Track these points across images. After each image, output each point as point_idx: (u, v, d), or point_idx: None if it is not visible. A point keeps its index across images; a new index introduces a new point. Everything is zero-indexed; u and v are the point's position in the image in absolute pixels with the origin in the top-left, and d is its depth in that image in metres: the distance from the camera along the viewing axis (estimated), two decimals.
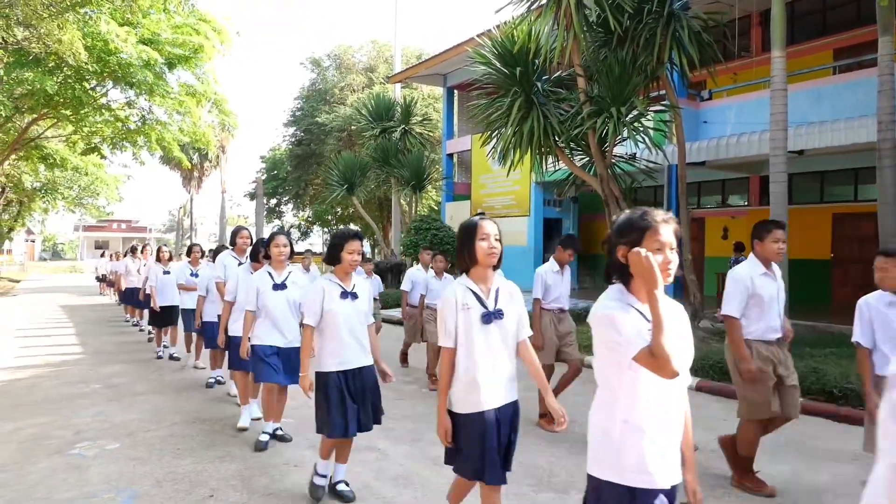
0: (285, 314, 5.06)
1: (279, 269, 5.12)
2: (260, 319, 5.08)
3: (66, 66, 12.42)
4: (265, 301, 5.01)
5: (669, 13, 8.87)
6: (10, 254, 50.49)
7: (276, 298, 5.02)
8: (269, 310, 5.01)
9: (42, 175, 25.19)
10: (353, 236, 3.98)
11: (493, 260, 2.85)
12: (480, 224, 2.85)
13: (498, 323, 2.87)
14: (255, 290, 5.04)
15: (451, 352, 2.87)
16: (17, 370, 8.58)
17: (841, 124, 10.28)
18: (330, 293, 3.93)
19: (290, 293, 5.11)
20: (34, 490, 4.26)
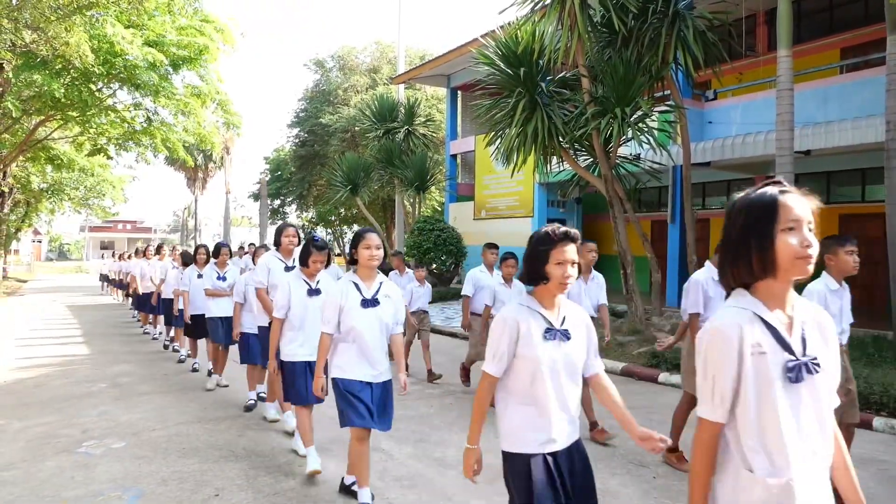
0: (375, 338, 3.82)
1: (369, 280, 3.87)
2: (344, 345, 3.86)
3: (73, 68, 12.48)
4: (352, 322, 3.77)
5: (674, 13, 8.87)
6: (18, 254, 50.71)
7: (366, 318, 3.79)
8: (357, 333, 3.78)
9: (49, 176, 25.32)
10: None
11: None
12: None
13: None
14: (336, 307, 3.79)
15: None
16: (24, 369, 8.62)
17: (848, 124, 10.24)
18: None
19: (382, 311, 3.87)
20: (42, 488, 4.29)
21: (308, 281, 4.65)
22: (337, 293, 3.81)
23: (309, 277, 4.65)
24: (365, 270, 3.82)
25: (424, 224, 17.71)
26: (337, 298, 3.79)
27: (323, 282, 4.77)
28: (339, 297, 3.78)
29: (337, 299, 3.79)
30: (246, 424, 5.88)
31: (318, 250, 4.54)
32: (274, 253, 5.53)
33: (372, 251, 3.79)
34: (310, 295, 4.61)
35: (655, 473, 4.67)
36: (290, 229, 5.47)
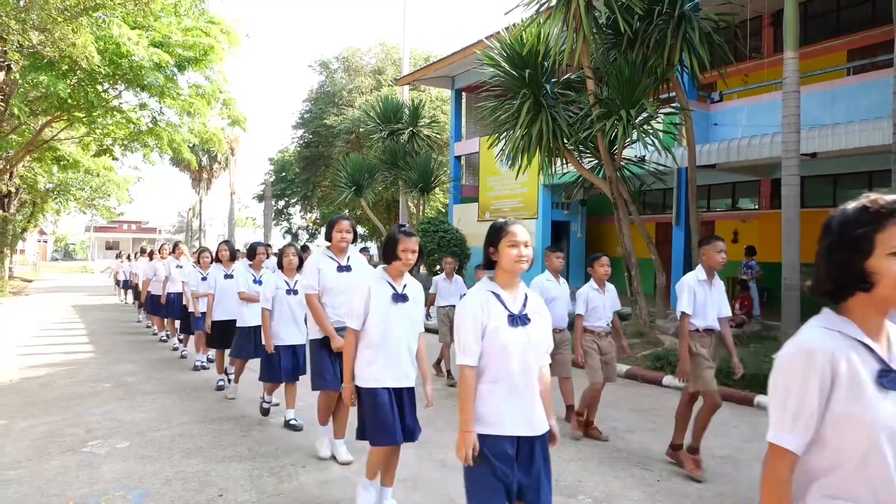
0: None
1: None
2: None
3: (79, 69, 12.53)
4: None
5: (680, 15, 8.85)
6: (24, 254, 50.89)
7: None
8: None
9: (55, 176, 25.41)
10: None
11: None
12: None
13: None
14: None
15: None
16: (29, 368, 8.65)
17: (855, 126, 10.19)
18: None
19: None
20: (47, 487, 4.30)
21: (394, 283, 3.67)
22: (477, 311, 2.62)
23: (395, 278, 3.70)
24: (506, 276, 2.71)
25: (428, 225, 17.71)
26: (479, 317, 2.62)
27: (410, 286, 3.77)
28: (482, 317, 2.63)
29: (480, 319, 2.62)
30: (250, 425, 5.89)
31: (406, 236, 3.58)
32: (324, 251, 4.79)
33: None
34: (396, 301, 3.63)
35: (659, 476, 4.66)
36: (344, 223, 4.67)
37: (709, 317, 4.77)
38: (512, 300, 2.65)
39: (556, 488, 4.33)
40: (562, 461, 4.88)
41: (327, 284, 4.60)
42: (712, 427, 5.50)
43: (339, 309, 4.54)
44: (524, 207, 17.60)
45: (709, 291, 4.78)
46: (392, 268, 3.65)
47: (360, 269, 4.75)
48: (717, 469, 4.77)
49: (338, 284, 4.58)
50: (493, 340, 2.57)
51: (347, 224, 4.63)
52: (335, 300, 4.59)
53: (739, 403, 6.85)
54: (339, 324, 4.46)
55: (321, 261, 4.66)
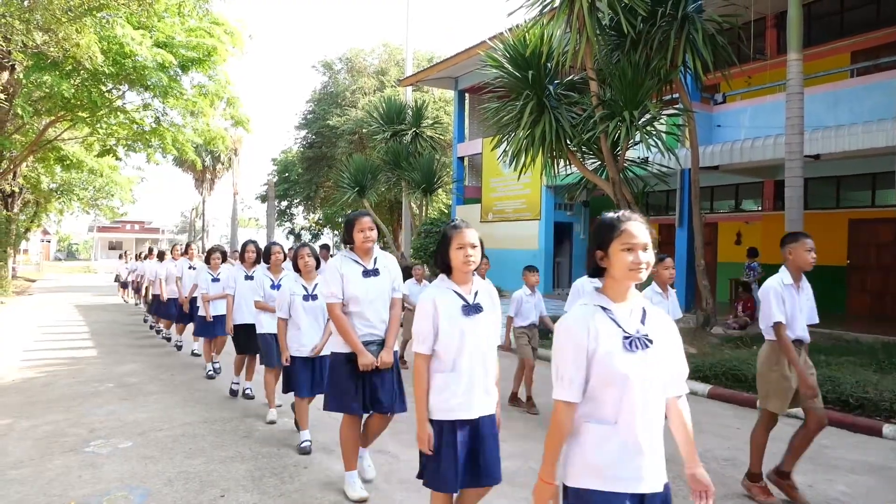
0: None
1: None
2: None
3: (82, 69, 12.55)
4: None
5: (683, 16, 8.84)
6: (27, 254, 51.02)
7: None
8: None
9: (59, 176, 25.46)
10: None
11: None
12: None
13: None
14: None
15: None
16: (32, 368, 8.67)
17: (858, 128, 10.17)
18: None
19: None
20: (50, 486, 4.30)
21: (462, 292, 2.97)
22: None
23: (461, 284, 2.99)
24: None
25: (431, 226, 17.72)
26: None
27: (483, 293, 3.06)
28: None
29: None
30: (252, 425, 5.89)
31: (459, 230, 2.95)
32: (346, 254, 4.18)
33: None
34: (468, 313, 2.92)
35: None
36: (365, 220, 4.09)
37: (798, 326, 4.18)
38: (627, 316, 2.12)
39: None
40: None
41: (353, 292, 4.01)
42: (715, 428, 5.48)
43: (370, 319, 4.03)
44: (527, 209, 17.60)
45: (797, 297, 4.20)
46: (454, 274, 2.98)
47: (391, 271, 4.20)
48: (719, 471, 4.75)
49: (366, 292, 4.02)
50: (604, 368, 2.04)
51: (369, 221, 4.09)
52: (364, 309, 4.02)
53: (742, 405, 6.83)
54: (368, 337, 3.99)
55: (343, 265, 4.08)
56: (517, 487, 4.29)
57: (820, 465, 4.93)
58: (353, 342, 3.96)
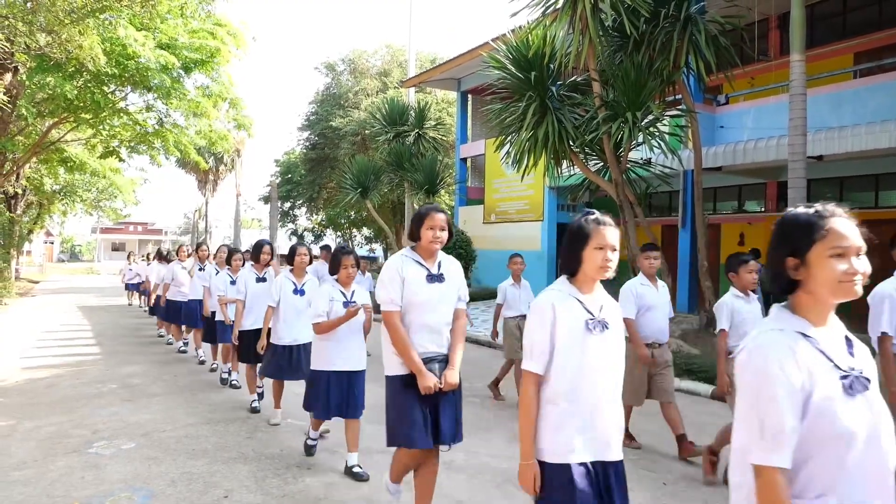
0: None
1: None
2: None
3: (85, 70, 12.57)
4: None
5: (686, 17, 8.84)
6: (30, 255, 51.13)
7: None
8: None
9: (62, 178, 25.51)
10: None
11: None
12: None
13: None
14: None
15: None
16: (35, 369, 8.68)
17: (861, 129, 10.16)
18: None
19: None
20: (53, 487, 4.31)
21: (586, 302, 2.41)
22: None
23: (587, 291, 2.44)
24: None
25: None
26: None
27: (607, 307, 2.61)
28: None
29: None
30: (255, 426, 5.89)
31: (601, 226, 2.42)
32: (408, 253, 3.51)
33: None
34: (593, 329, 2.36)
35: (665, 479, 4.64)
36: (439, 217, 3.41)
37: None
38: (834, 343, 1.66)
39: None
40: None
41: (415, 300, 3.36)
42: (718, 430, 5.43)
43: (432, 332, 3.40)
44: (530, 210, 17.59)
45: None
46: (580, 278, 2.43)
47: (456, 277, 3.57)
48: (722, 473, 4.74)
49: (429, 299, 3.39)
50: (824, 421, 1.51)
51: (442, 219, 3.40)
52: (426, 320, 3.39)
53: None
54: (430, 354, 3.38)
55: (405, 266, 3.42)
56: None
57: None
58: (413, 361, 3.29)
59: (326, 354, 4.64)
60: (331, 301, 4.62)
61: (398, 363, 3.38)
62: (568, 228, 2.49)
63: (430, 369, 3.32)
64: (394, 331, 3.34)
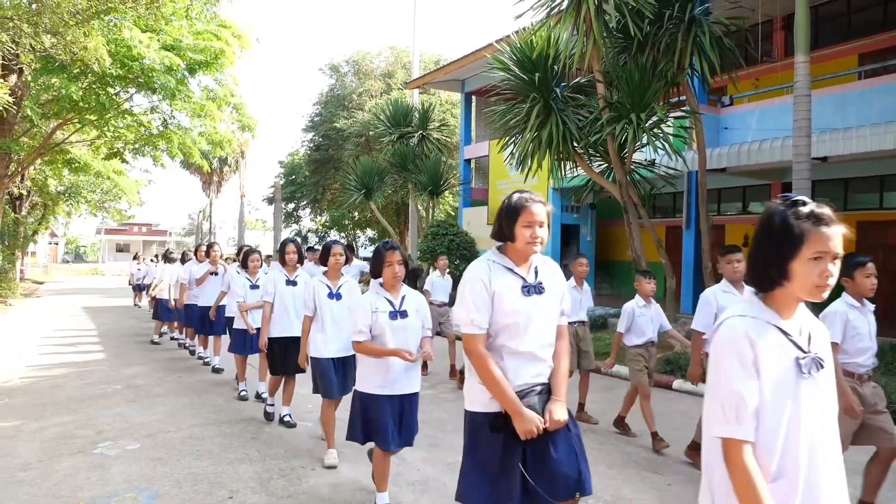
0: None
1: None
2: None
3: (90, 72, 12.61)
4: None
5: (690, 18, 8.82)
6: (35, 256, 51.29)
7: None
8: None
9: (66, 179, 25.58)
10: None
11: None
12: None
13: None
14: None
15: None
16: (41, 370, 8.71)
17: (866, 130, 10.13)
18: None
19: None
20: (58, 488, 4.32)
21: (791, 331, 1.85)
22: None
23: (787, 314, 1.88)
24: None
25: (438, 229, 17.72)
26: None
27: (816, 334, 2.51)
28: None
29: None
30: (260, 427, 5.90)
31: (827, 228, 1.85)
32: (495, 258, 2.69)
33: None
34: (807, 371, 1.75)
35: (670, 481, 4.63)
36: (538, 209, 2.60)
37: None
38: None
39: None
40: None
41: (508, 319, 2.59)
42: None
43: (531, 358, 2.62)
44: None
45: None
46: (776, 297, 1.79)
47: (557, 287, 2.75)
48: None
49: (528, 317, 2.61)
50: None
51: (542, 212, 2.61)
52: (521, 343, 2.60)
53: None
54: (526, 386, 2.59)
55: (494, 275, 2.63)
56: None
57: None
58: (507, 397, 2.50)
59: (375, 375, 3.90)
60: (374, 312, 3.84)
61: (483, 399, 2.61)
62: None
63: (529, 405, 2.53)
64: (479, 360, 2.56)
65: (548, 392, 2.65)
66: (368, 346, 3.83)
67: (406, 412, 3.95)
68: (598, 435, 5.74)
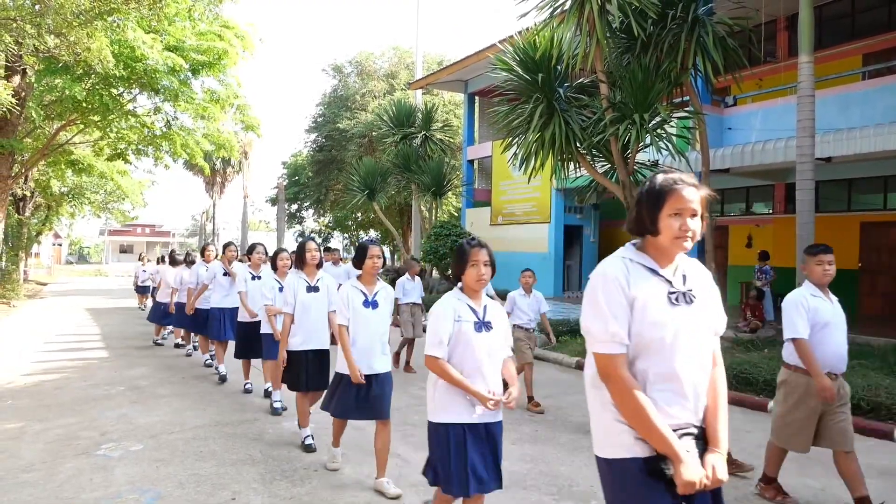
0: None
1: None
2: None
3: (94, 72, 12.63)
4: None
5: (694, 19, 8.80)
6: (38, 257, 51.41)
7: None
8: None
9: (70, 180, 25.64)
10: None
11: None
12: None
13: None
14: None
15: None
16: (44, 371, 8.72)
17: (870, 131, 10.11)
18: None
19: None
20: (61, 489, 4.33)
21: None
22: None
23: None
24: None
25: (441, 229, 17.72)
26: None
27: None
28: None
29: None
30: (263, 429, 5.90)
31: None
32: (633, 256, 2.13)
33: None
34: None
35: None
36: (692, 192, 2.05)
37: None
38: None
39: (569, 494, 4.31)
40: (575, 466, 4.86)
41: (655, 333, 2.00)
42: None
43: (684, 387, 2.02)
44: (537, 211, 17.57)
45: None
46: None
47: (712, 297, 2.18)
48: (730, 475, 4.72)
49: (675, 334, 2.01)
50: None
51: (694, 199, 2.07)
52: (672, 367, 2.01)
53: (753, 409, 6.79)
54: (683, 424, 2.02)
55: (634, 278, 2.05)
56: (528, 490, 4.27)
57: (831, 468, 4.88)
58: (663, 437, 1.92)
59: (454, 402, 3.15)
60: (457, 321, 3.15)
61: (629, 438, 2.00)
62: None
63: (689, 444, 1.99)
64: (624, 389, 1.96)
65: (703, 438, 2.03)
66: (448, 368, 3.10)
67: (490, 439, 3.19)
68: None
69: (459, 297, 3.23)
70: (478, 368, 3.11)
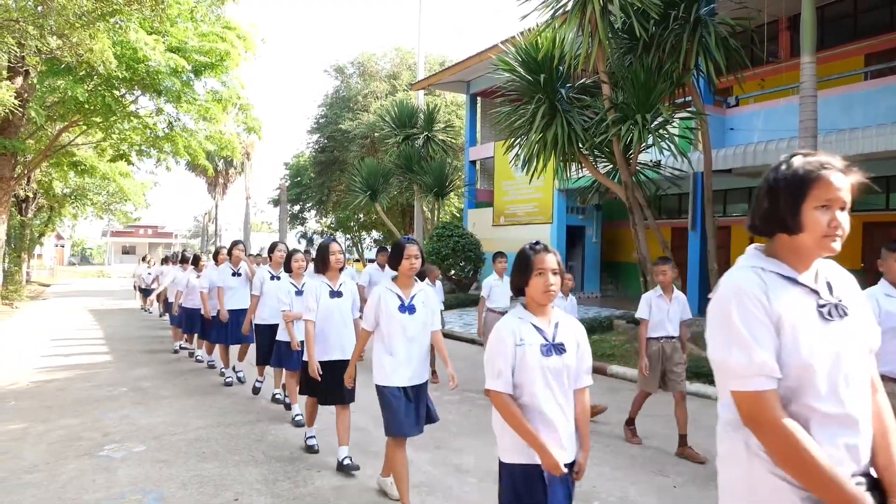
0: None
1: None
2: None
3: (96, 74, 12.66)
4: None
5: (696, 19, 8.80)
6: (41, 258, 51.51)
7: None
8: None
9: (72, 181, 25.68)
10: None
11: None
12: None
13: None
14: None
15: None
16: (46, 373, 8.73)
17: (872, 131, 10.09)
18: None
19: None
20: (64, 490, 4.33)
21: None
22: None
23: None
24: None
25: (443, 230, 17.72)
26: None
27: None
28: None
29: None
30: (266, 429, 5.90)
31: None
32: (761, 261, 1.74)
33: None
34: None
35: (676, 482, 4.61)
36: (842, 179, 1.68)
37: None
38: None
39: None
40: None
41: (804, 361, 1.57)
42: None
43: (838, 421, 1.58)
44: (539, 212, 17.56)
45: None
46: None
47: (863, 306, 1.81)
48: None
49: (833, 355, 1.59)
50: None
51: (842, 186, 1.70)
52: (836, 403, 1.58)
53: None
54: (854, 476, 1.58)
55: (773, 288, 1.64)
56: None
57: None
58: (843, 486, 1.48)
59: None
60: (518, 345, 2.55)
61: (784, 488, 1.57)
62: None
63: None
64: (784, 434, 1.53)
65: (875, 486, 1.59)
66: (512, 408, 2.50)
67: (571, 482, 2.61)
68: (602, 436, 5.72)
69: (521, 316, 2.62)
70: (545, 408, 2.49)
